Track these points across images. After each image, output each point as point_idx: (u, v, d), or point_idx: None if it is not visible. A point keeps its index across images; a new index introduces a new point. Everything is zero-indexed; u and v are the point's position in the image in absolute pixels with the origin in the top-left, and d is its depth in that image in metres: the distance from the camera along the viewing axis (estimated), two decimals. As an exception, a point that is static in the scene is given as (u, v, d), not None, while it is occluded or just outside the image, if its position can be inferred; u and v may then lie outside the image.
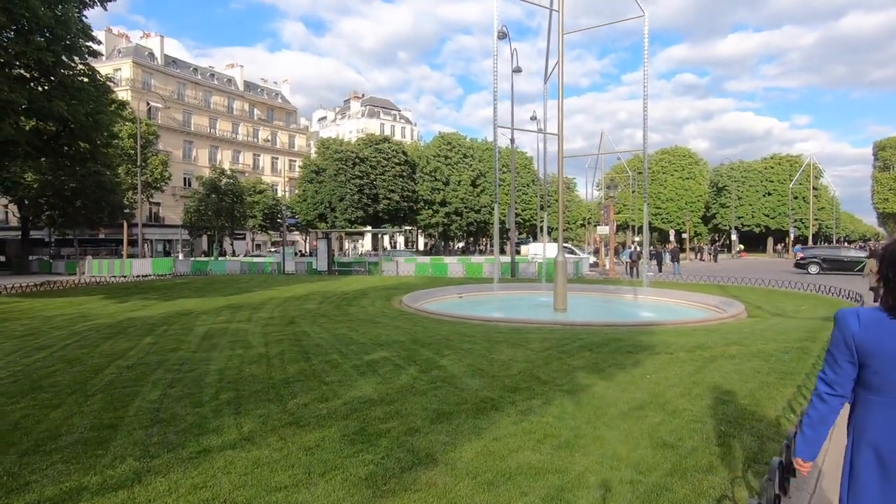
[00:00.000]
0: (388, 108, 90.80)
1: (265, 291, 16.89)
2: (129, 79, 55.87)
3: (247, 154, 68.58)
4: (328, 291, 16.91)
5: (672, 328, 9.42)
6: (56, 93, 14.83)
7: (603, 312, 14.74)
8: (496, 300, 16.78)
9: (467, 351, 6.74)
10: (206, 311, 11.78)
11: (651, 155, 75.34)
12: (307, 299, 14.50)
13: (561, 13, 13.97)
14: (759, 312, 11.96)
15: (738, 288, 17.24)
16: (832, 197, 74.32)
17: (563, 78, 14.20)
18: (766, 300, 13.87)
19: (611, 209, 23.39)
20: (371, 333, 8.40)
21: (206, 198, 34.80)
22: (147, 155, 45.04)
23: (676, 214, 69.90)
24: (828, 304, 12.52)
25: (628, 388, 4.85)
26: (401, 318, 10.79)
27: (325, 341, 7.65)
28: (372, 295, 15.92)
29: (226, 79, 69.64)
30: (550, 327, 9.67)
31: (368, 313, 11.66)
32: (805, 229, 62.77)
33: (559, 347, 6.92)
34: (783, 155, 71.28)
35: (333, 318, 10.76)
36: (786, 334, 7.92)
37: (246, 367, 5.92)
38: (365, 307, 12.98)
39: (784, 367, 5.55)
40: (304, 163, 49.94)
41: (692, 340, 7.38)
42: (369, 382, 5.12)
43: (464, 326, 9.56)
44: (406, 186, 48.17)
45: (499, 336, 8.06)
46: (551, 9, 14.99)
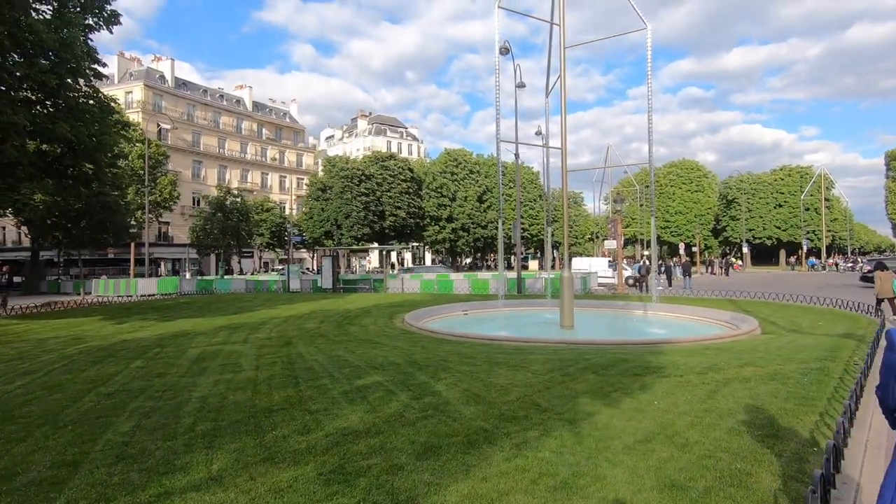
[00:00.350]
0: (394, 125, 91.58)
1: (267, 310, 16.66)
2: (140, 101, 56.91)
3: (255, 173, 69.25)
4: (331, 310, 16.64)
5: (682, 347, 9.00)
6: (60, 114, 14.92)
7: (611, 330, 14.33)
8: (502, 317, 16.41)
9: (465, 374, 6.41)
10: (203, 331, 11.56)
11: (658, 168, 74.99)
12: (308, 318, 14.24)
13: (562, 27, 13.87)
14: (774, 329, 11.49)
15: (750, 302, 16.73)
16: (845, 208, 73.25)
17: (565, 92, 14.04)
18: (780, 315, 13.37)
19: (618, 223, 23.01)
20: (367, 355, 8.09)
21: (211, 216, 34.93)
22: (156, 175, 45.60)
23: (686, 227, 69.16)
24: (846, 319, 12.01)
25: (634, 416, 4.48)
26: (401, 338, 10.47)
27: (318, 364, 7.35)
28: (374, 313, 15.62)
29: (235, 99, 70.74)
30: (555, 346, 9.30)
31: (368, 333, 11.36)
32: (818, 241, 61.68)
33: (562, 369, 6.56)
34: (793, 166, 70.48)
35: (332, 338, 10.47)
36: (804, 353, 7.49)
37: (231, 393, 5.63)
38: (366, 326, 12.68)
39: (804, 392, 5.16)
40: (310, 181, 50.21)
41: (703, 361, 6.98)
42: (357, 411, 4.80)
43: (465, 346, 9.22)
44: (412, 203, 48.15)
45: (500, 357, 7.72)
46: (552, 23, 14.91)
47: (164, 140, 58.05)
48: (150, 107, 57.79)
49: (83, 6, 16.49)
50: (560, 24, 13.98)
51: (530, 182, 64.61)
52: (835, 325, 11.23)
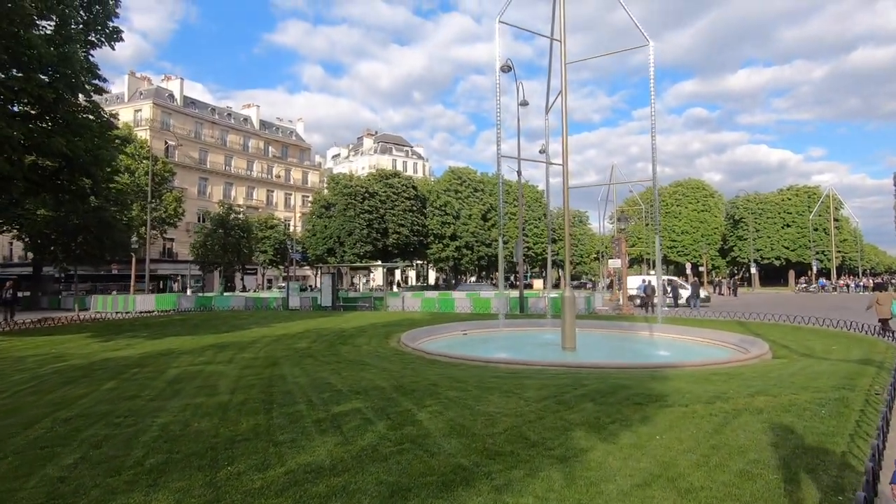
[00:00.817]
0: (400, 144, 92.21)
1: (260, 329, 16.27)
2: (148, 119, 57.66)
3: (260, 190, 69.64)
4: (326, 329, 16.23)
5: (688, 372, 8.49)
6: (57, 129, 14.84)
7: (614, 352, 13.78)
8: (502, 338, 15.90)
9: (452, 401, 5.95)
10: (189, 350, 11.16)
11: (664, 187, 74.63)
12: (301, 337, 13.82)
13: (562, 43, 13.70)
14: (786, 353, 10.93)
15: (760, 324, 16.14)
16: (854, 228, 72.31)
17: (566, 109, 13.80)
18: (792, 338, 12.79)
19: (622, 242, 22.55)
20: (353, 378, 7.65)
21: (212, 233, 34.79)
22: (162, 192, 45.86)
23: (692, 247, 68.43)
24: (861, 343, 11.43)
25: (633, 454, 4.01)
26: (393, 360, 10.02)
27: (298, 388, 6.92)
28: (370, 332, 15.19)
29: (242, 118, 71.58)
30: (554, 370, 8.81)
31: (360, 353, 10.92)
32: (828, 262, 60.73)
33: (558, 397, 6.09)
34: (800, 186, 69.92)
35: (321, 358, 10.04)
36: (819, 381, 6.97)
37: (196, 420, 5.21)
38: (359, 346, 12.24)
39: (822, 427, 4.66)
40: (314, 198, 50.26)
41: (711, 389, 6.48)
42: (326, 443, 4.36)
43: (458, 369, 8.76)
44: (416, 221, 47.96)
45: (493, 381, 7.26)
46: (552, 38, 14.74)
47: (172, 157, 58.64)
48: (159, 125, 58.50)
49: (86, 23, 16.59)
50: (561, 40, 13.82)
51: (535, 201, 64.39)
52: (850, 350, 10.66)
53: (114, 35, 16.86)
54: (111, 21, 16.95)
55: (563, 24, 13.69)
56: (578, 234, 75.24)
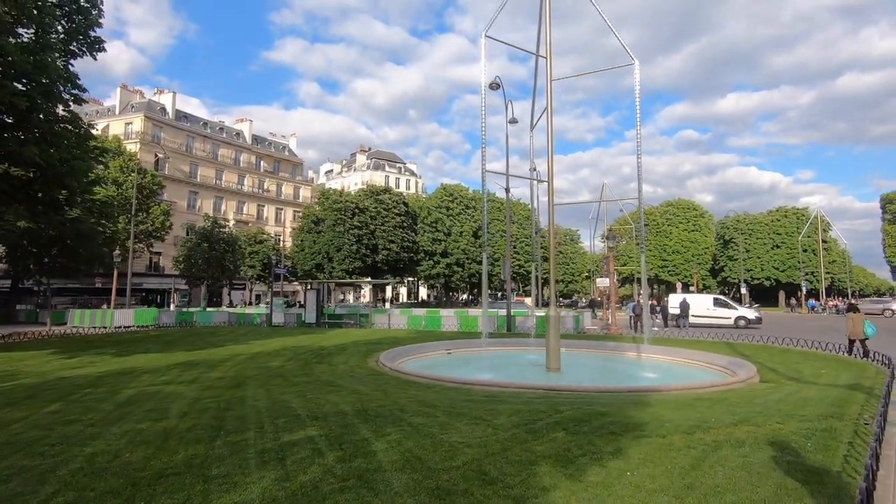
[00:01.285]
0: (393, 161, 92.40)
1: (237, 346, 15.74)
2: (139, 132, 57.35)
3: (251, 205, 69.15)
4: (304, 346, 15.72)
5: (671, 396, 8.13)
6: (30, 138, 14.46)
7: (599, 373, 13.41)
8: (487, 357, 15.47)
9: (416, 428, 5.54)
10: (154, 369, 10.65)
11: (655, 207, 75.06)
12: (276, 356, 13.32)
13: (548, 59, 13.62)
14: (773, 376, 10.61)
15: (748, 346, 15.83)
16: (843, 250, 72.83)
17: (551, 125, 13.66)
18: (780, 361, 12.49)
19: (610, 261, 22.31)
20: (317, 401, 7.21)
21: (196, 246, 34.14)
22: (149, 204, 45.31)
23: (683, 267, 68.54)
24: (850, 367, 11.13)
25: (599, 494, 3.63)
26: (366, 380, 9.58)
27: (255, 412, 6.47)
28: (350, 351, 14.72)
29: (234, 132, 71.47)
30: (532, 393, 8.42)
31: (334, 373, 10.46)
32: (817, 283, 60.97)
33: (529, 424, 5.70)
34: (789, 207, 70.57)
35: (291, 379, 9.57)
36: (806, 408, 6.63)
37: (130, 449, 4.76)
38: (335, 365, 11.78)
39: (808, 461, 4.30)
40: (303, 213, 49.89)
41: (693, 416, 6.11)
42: (264, 479, 3.94)
43: (432, 391, 8.35)
44: (406, 237, 47.64)
45: (465, 406, 6.85)
46: (537, 54, 14.67)
47: (162, 170, 58.19)
48: (149, 137, 58.17)
49: (67, 32, 16.36)
50: (547, 57, 13.75)
51: (526, 219, 64.42)
52: (839, 374, 10.36)
53: (95, 45, 16.62)
54: (93, 31, 16.74)
55: (549, 41, 13.63)
56: (570, 252, 75.24)
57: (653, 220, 72.07)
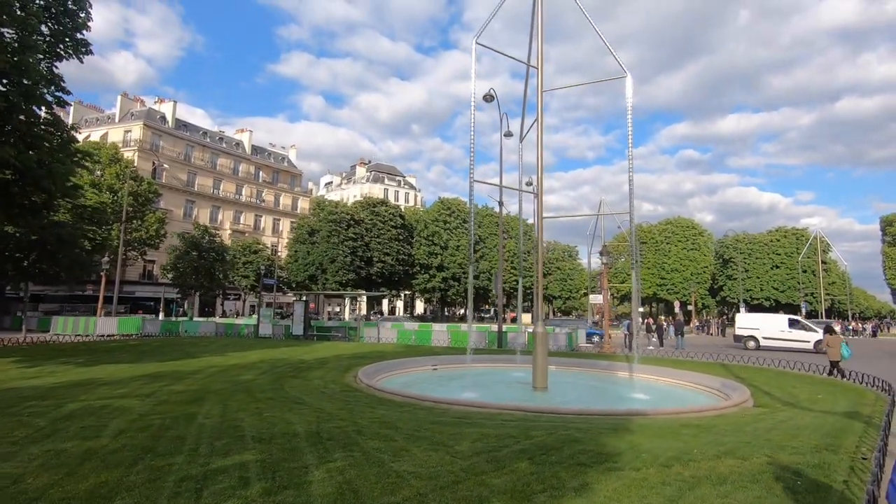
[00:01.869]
0: (392, 174, 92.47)
1: (213, 357, 15.18)
2: (137, 139, 57.34)
3: (248, 214, 68.92)
4: (284, 360, 15.17)
5: (657, 422, 7.60)
6: (7, 139, 14.12)
7: (586, 393, 12.84)
8: (473, 374, 14.93)
9: (367, 454, 5.02)
10: (115, 380, 10.12)
11: (653, 225, 74.75)
12: (250, 369, 12.78)
13: (539, 70, 13.35)
14: (768, 401, 10.07)
15: (745, 368, 15.26)
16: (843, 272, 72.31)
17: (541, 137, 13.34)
18: (776, 385, 11.94)
19: (604, 277, 21.82)
20: (272, 420, 6.69)
21: (185, 254, 33.63)
22: (144, 212, 44.99)
23: (682, 285, 67.93)
24: (848, 393, 10.58)
25: (549, 542, 3.12)
26: (336, 398, 9.05)
27: (198, 431, 5.95)
28: (331, 365, 14.17)
29: (234, 142, 71.58)
30: (508, 415, 7.90)
31: (305, 389, 9.93)
32: (817, 304, 60.34)
33: (493, 451, 5.18)
34: (788, 228, 70.25)
35: (256, 394, 9.04)
36: (799, 438, 6.10)
37: (37, 473, 4.25)
38: (310, 380, 11.24)
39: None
40: (297, 223, 49.56)
41: (673, 446, 5.59)
42: (169, 514, 3.43)
43: (403, 411, 7.83)
44: (402, 250, 47.19)
45: (430, 429, 6.33)
46: (529, 64, 14.39)
47: (159, 178, 58.06)
48: (148, 146, 58.15)
49: (53, 33, 16.14)
50: (538, 66, 13.47)
51: (524, 233, 64.03)
52: (837, 400, 9.82)
53: (81, 48, 16.39)
54: (80, 34, 16.53)
55: (540, 51, 13.37)
56: (568, 268, 74.75)
57: (651, 238, 71.69)
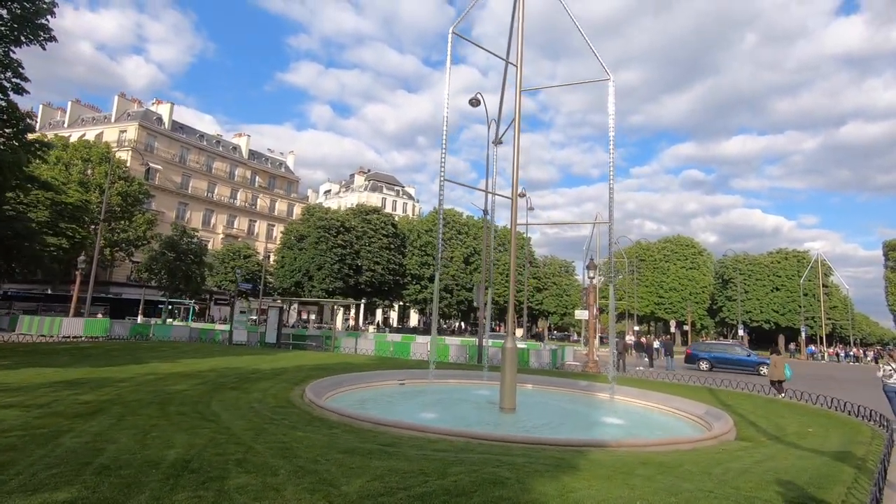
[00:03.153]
0: (391, 183, 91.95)
1: (160, 364, 14.15)
2: (131, 140, 56.85)
3: (242, 219, 68.21)
4: (238, 369, 14.14)
5: (613, 456, 6.53)
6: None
7: (556, 416, 11.72)
8: (440, 391, 13.88)
9: (220, 494, 4.00)
10: (21, 386, 9.10)
11: (652, 243, 73.74)
12: (192, 378, 11.73)
13: (518, 68, 12.50)
14: (752, 433, 8.99)
15: (732, 393, 14.15)
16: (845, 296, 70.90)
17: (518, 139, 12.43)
18: (763, 414, 10.85)
19: (590, 292, 20.77)
20: (151, 443, 5.66)
21: (160, 256, 32.56)
22: (133, 212, 44.18)
23: (680, 305, 66.63)
24: (842, 427, 9.48)
25: None
26: (259, 415, 8.01)
27: (47, 454, 4.92)
28: (285, 376, 13.13)
29: (231, 146, 71.14)
30: (449, 441, 6.87)
31: (234, 404, 8.89)
32: (818, 328, 58.92)
33: (383, 496, 4.14)
34: (789, 250, 69.08)
35: (170, 409, 8.01)
36: (774, 487, 5.03)
37: None
38: (248, 393, 10.20)
39: None
40: (285, 228, 48.69)
41: (616, 495, 4.53)
42: None
43: (324, 433, 6.81)
44: (393, 259, 46.21)
45: (333, 459, 5.29)
46: (507, 61, 13.52)
47: (152, 180, 57.46)
48: (143, 146, 57.65)
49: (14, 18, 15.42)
50: (517, 64, 12.63)
51: (520, 247, 63.10)
52: (828, 435, 8.73)
53: (42, 33, 15.67)
54: (44, 20, 15.82)
55: (520, 47, 12.54)
56: (565, 284, 73.56)
57: (650, 255, 70.60)
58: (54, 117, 65.91)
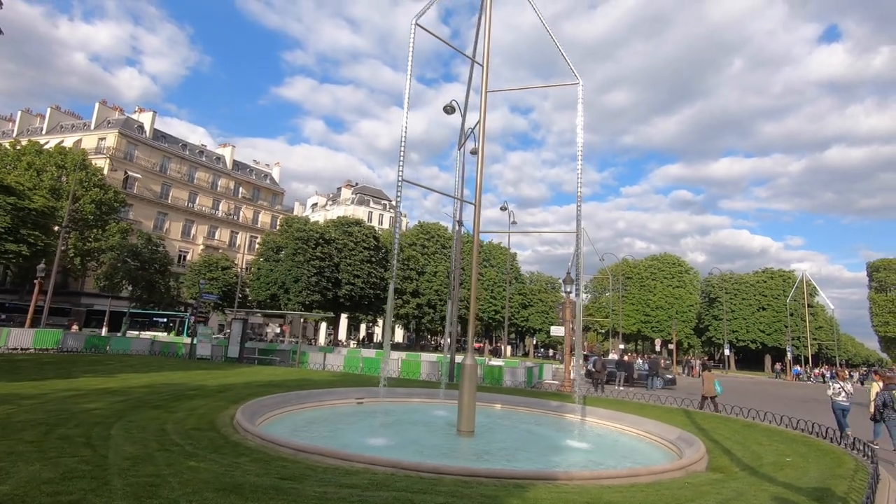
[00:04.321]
0: (378, 197, 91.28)
1: (90, 379, 12.98)
2: (110, 147, 55.66)
3: (224, 230, 66.89)
4: (176, 385, 13.01)
5: (558, 492, 5.60)
6: None
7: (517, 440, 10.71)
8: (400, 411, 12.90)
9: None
10: None
11: (640, 260, 73.41)
12: (114, 395, 10.61)
13: (485, 69, 11.84)
14: (725, 462, 8.09)
15: (710, 416, 13.27)
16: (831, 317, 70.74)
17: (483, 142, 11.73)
18: (739, 440, 9.97)
19: (567, 308, 19.92)
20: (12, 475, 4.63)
21: (121, 263, 31.11)
22: (107, 221, 42.84)
23: (667, 323, 66.02)
24: (824, 456, 8.60)
25: None
26: (152, 442, 6.97)
27: None
28: (228, 394, 12.05)
29: (215, 157, 70.12)
30: (371, 474, 5.90)
31: (138, 427, 7.82)
32: (803, 349, 58.48)
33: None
34: (775, 269, 69.05)
35: (55, 433, 6.93)
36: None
37: None
38: (174, 412, 9.13)
39: None
40: (261, 240, 47.54)
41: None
42: None
43: (218, 464, 5.81)
44: (373, 272, 45.14)
45: (198, 501, 4.30)
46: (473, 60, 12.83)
47: (130, 189, 56.15)
48: (122, 154, 56.46)
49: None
50: (483, 64, 11.97)
51: (504, 262, 62.35)
52: (808, 465, 7.86)
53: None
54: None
55: (486, 46, 11.88)
56: (551, 301, 72.78)
57: (637, 273, 70.18)
58: (33, 123, 64.65)
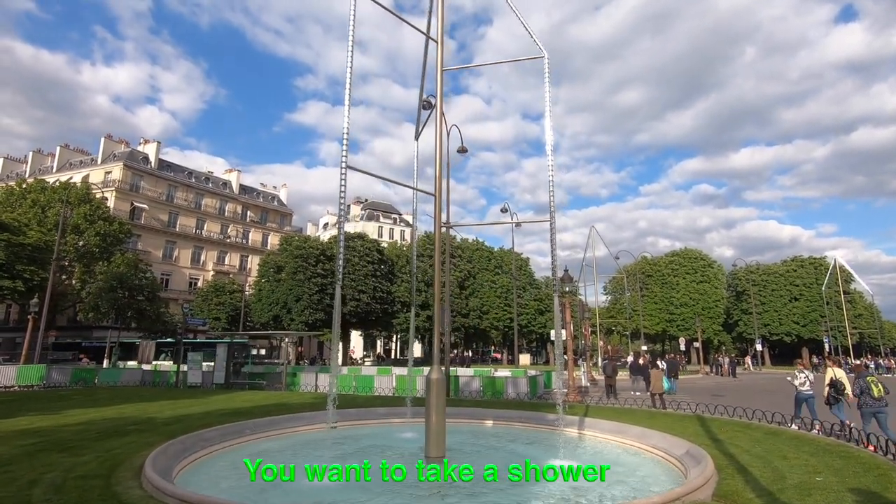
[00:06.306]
0: (388, 211, 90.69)
1: (34, 417, 11.88)
2: (116, 180, 56.20)
3: (233, 255, 66.82)
4: (121, 419, 11.86)
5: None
6: None
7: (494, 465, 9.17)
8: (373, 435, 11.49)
9: None
10: None
11: (660, 257, 70.59)
12: (32, 436, 9.46)
13: (440, 45, 10.54)
14: (738, 484, 6.39)
15: (728, 422, 11.39)
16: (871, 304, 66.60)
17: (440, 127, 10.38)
18: (760, 452, 8.19)
19: (567, 308, 18.19)
20: None
21: (108, 291, 30.34)
22: (112, 252, 42.79)
23: (692, 321, 62.89)
24: (865, 471, 6.78)
25: None
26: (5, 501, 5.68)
27: None
28: (172, 427, 10.83)
29: (221, 182, 70.48)
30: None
31: (11, 479, 6.57)
32: (843, 339, 54.77)
33: None
34: (805, 257, 65.37)
35: None
36: None
37: None
38: (77, 456, 7.95)
39: None
40: (262, 260, 46.86)
41: None
42: None
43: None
44: (379, 287, 43.91)
45: None
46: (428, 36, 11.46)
47: (138, 219, 56.52)
48: (127, 186, 56.97)
49: None
50: (438, 40, 10.67)
51: (518, 268, 60.49)
52: (844, 483, 6.10)
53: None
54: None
55: (441, 21, 10.60)
56: (570, 305, 70.47)
57: (657, 271, 67.34)
58: (44, 163, 66.04)
